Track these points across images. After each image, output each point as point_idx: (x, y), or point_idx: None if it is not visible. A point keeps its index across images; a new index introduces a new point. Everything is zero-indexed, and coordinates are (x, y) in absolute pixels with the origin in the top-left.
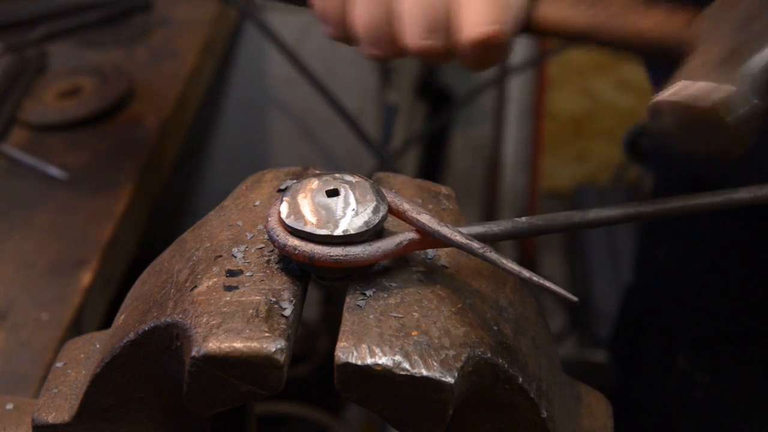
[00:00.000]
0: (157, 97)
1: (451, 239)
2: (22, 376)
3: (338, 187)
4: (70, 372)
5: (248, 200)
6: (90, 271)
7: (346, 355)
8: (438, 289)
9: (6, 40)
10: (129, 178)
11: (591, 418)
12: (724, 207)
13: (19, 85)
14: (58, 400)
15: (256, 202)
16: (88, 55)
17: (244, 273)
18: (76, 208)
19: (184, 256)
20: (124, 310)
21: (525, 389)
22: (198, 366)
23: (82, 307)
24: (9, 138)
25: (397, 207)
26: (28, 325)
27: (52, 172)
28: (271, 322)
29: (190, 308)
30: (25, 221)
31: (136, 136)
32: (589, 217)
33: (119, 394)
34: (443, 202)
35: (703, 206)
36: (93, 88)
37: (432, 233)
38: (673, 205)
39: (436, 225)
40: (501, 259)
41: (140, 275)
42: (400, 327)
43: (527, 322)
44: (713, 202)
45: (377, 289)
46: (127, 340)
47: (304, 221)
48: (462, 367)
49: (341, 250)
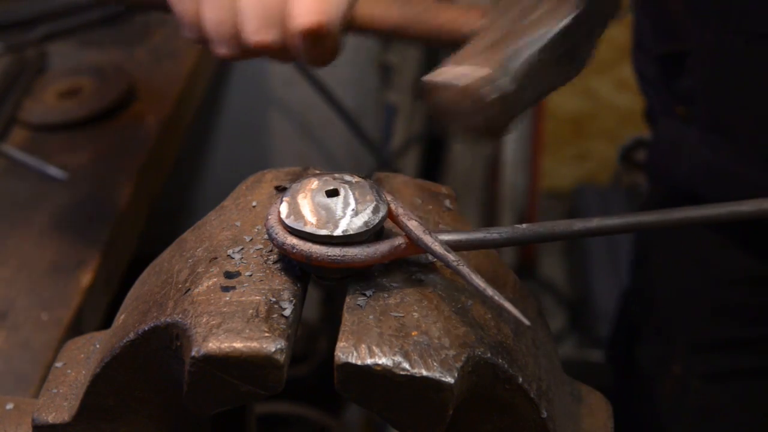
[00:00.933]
0: (157, 97)
1: (430, 248)
2: (22, 376)
3: (338, 187)
4: (70, 372)
5: (248, 200)
6: (90, 271)
7: (346, 355)
8: (438, 289)
9: (6, 40)
10: (129, 178)
11: (591, 418)
12: (728, 219)
13: (19, 85)
14: (58, 400)
15: (256, 203)
16: (88, 55)
17: (243, 273)
18: (76, 208)
19: (184, 256)
20: (124, 310)
21: (525, 389)
22: (198, 366)
23: (82, 307)
24: (9, 138)
25: (393, 210)
26: (28, 325)
27: (51, 172)
28: (271, 322)
29: (190, 308)
30: (25, 221)
31: (136, 136)
32: (591, 226)
33: (119, 394)
34: (443, 202)
35: (708, 218)
36: (93, 88)
37: (416, 240)
38: (675, 216)
39: (420, 232)
40: (471, 274)
41: (140, 275)
42: (400, 327)
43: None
44: (718, 213)
45: (377, 289)
46: (127, 340)
47: (303, 221)
48: (462, 367)
49: (339, 251)
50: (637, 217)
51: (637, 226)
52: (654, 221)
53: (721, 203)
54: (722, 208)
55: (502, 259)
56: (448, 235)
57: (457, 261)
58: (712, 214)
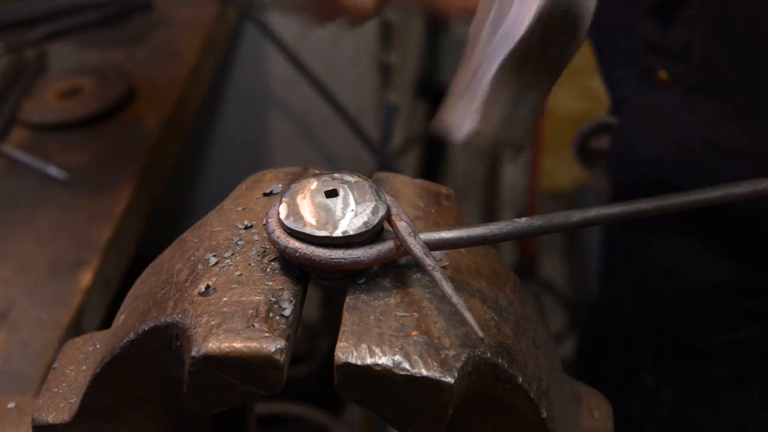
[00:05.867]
0: (157, 97)
1: (411, 250)
2: (22, 376)
3: (337, 188)
4: (70, 372)
5: (248, 200)
6: (90, 271)
7: (346, 355)
8: (438, 289)
9: (6, 40)
10: (129, 178)
11: (591, 418)
12: (724, 202)
13: (18, 85)
14: (58, 400)
15: (255, 203)
16: (88, 55)
17: (243, 273)
18: (76, 208)
19: (184, 256)
20: (124, 310)
21: (525, 389)
22: (198, 366)
23: (82, 307)
24: (9, 138)
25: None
26: (28, 325)
27: (52, 172)
28: (271, 322)
29: (189, 308)
30: (25, 221)
31: (136, 136)
32: (589, 216)
33: (119, 394)
34: (443, 202)
35: (703, 202)
36: (93, 88)
37: (401, 241)
38: (672, 201)
39: (406, 234)
40: (442, 281)
41: (140, 275)
42: (400, 327)
43: (527, 322)
44: (713, 197)
45: (377, 290)
46: (127, 340)
47: (303, 222)
48: (462, 367)
49: (342, 253)
50: (635, 205)
51: (635, 214)
52: (653, 208)
53: (716, 187)
54: (718, 191)
55: (502, 260)
56: (446, 233)
57: (432, 266)
58: (708, 197)
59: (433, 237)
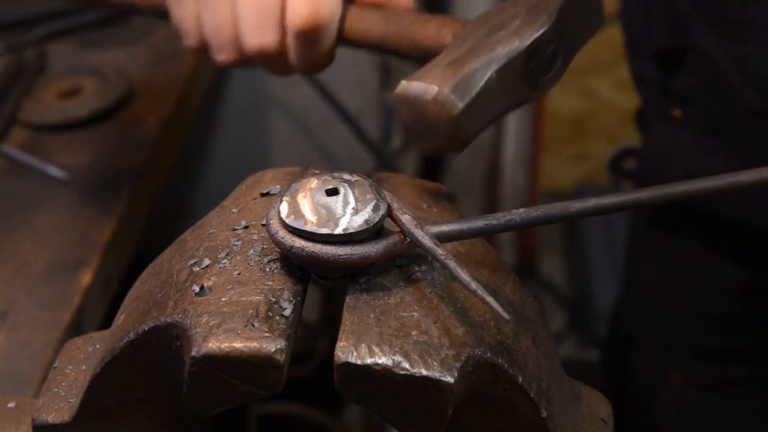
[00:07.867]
0: (157, 97)
1: (420, 242)
2: (22, 376)
3: (337, 186)
4: (69, 372)
5: (248, 200)
6: (90, 271)
7: (346, 354)
8: (438, 289)
9: (6, 40)
10: (129, 178)
11: (591, 419)
12: (728, 191)
13: (18, 85)
14: (58, 400)
15: (255, 203)
16: (88, 55)
17: (243, 273)
18: (76, 208)
19: (184, 256)
20: (124, 310)
21: (525, 389)
22: (198, 366)
23: (82, 307)
24: (9, 138)
25: (391, 207)
26: (28, 325)
27: (52, 172)
28: (271, 322)
29: (189, 308)
30: (25, 221)
31: (136, 136)
32: (589, 206)
33: (119, 394)
34: (443, 202)
35: (707, 190)
36: (93, 89)
37: (407, 234)
38: (675, 190)
39: (412, 227)
40: (457, 269)
41: (140, 275)
42: (400, 326)
43: (527, 322)
44: (717, 185)
45: (377, 289)
46: (127, 340)
47: (304, 220)
48: (462, 366)
49: (350, 249)
50: (635, 195)
51: (635, 203)
52: (652, 197)
53: (720, 175)
54: (722, 180)
55: (502, 259)
56: (446, 226)
57: (445, 255)
58: (711, 186)
59: (434, 230)
